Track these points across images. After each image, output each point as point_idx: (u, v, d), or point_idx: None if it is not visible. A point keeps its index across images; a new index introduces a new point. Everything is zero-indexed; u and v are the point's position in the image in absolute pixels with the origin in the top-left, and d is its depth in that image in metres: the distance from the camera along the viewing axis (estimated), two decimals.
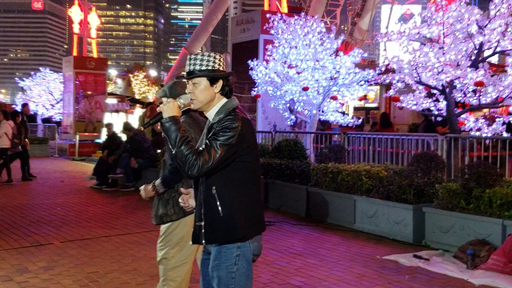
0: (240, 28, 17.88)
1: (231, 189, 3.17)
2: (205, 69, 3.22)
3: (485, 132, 9.78)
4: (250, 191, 3.25)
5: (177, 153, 3.05)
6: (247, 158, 3.21)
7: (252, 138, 3.29)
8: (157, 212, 4.68)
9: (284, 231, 8.89)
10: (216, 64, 3.25)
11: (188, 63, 3.25)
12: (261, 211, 3.38)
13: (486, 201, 7.26)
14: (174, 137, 3.07)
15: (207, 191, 3.19)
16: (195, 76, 3.22)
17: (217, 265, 3.23)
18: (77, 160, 22.02)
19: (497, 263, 6.46)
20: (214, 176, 3.16)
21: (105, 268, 6.64)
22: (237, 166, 3.17)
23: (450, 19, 9.75)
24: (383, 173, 9.15)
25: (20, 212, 10.29)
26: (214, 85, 3.24)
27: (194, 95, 3.24)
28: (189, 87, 3.26)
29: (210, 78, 3.22)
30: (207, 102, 3.26)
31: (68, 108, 27.05)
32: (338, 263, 6.99)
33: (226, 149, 3.07)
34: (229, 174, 3.17)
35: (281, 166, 11.06)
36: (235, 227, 3.16)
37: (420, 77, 10.03)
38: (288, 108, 14.28)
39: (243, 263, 3.23)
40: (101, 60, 29.65)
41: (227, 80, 3.28)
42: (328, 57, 13.21)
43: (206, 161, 3.02)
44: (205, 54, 3.26)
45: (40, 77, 32.36)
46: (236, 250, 3.21)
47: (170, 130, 3.10)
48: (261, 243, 3.38)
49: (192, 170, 3.02)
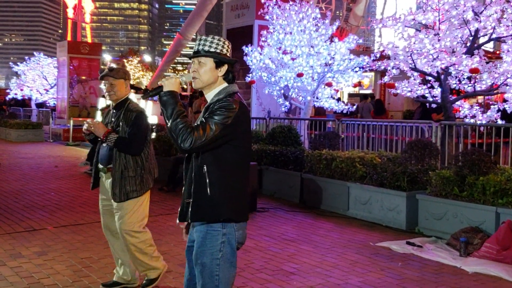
0: (235, 13, 17.79)
1: (221, 170, 3.21)
2: (214, 51, 3.30)
3: (480, 119, 9.78)
4: (238, 177, 3.28)
5: (171, 126, 3.09)
6: (240, 143, 3.25)
7: (247, 124, 3.34)
8: (122, 189, 4.85)
9: (277, 218, 8.89)
10: (224, 49, 3.33)
11: (198, 43, 3.33)
12: (247, 199, 3.40)
13: (480, 188, 7.27)
14: (171, 111, 3.12)
15: (198, 170, 3.24)
16: (203, 55, 3.29)
17: (202, 251, 3.24)
18: (71, 145, 21.95)
19: (490, 251, 6.48)
20: (206, 155, 3.20)
21: (99, 254, 6.63)
22: (229, 148, 3.21)
23: (446, 5, 9.71)
24: (377, 160, 9.15)
25: (13, 197, 10.26)
26: (219, 68, 3.31)
27: (198, 74, 3.31)
28: (194, 66, 3.33)
29: (217, 61, 3.29)
30: (209, 83, 3.32)
31: (62, 93, 26.93)
32: (331, 249, 7.00)
33: (221, 128, 3.11)
34: (221, 156, 3.20)
35: (275, 153, 11.04)
36: (221, 207, 3.20)
37: (415, 64, 10.01)
38: (282, 95, 14.25)
39: (228, 249, 3.25)
40: (95, 45, 29.47)
41: (232, 66, 3.35)
42: (323, 43, 13.17)
43: (199, 136, 3.06)
44: (215, 37, 3.34)
45: (34, 62, 32.19)
46: (222, 237, 3.23)
47: (168, 103, 3.15)
48: (246, 231, 3.39)
49: (185, 143, 3.04)
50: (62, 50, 27.36)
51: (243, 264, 6.24)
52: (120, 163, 4.93)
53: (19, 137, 23.69)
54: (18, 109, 31.04)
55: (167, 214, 8.96)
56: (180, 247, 6.91)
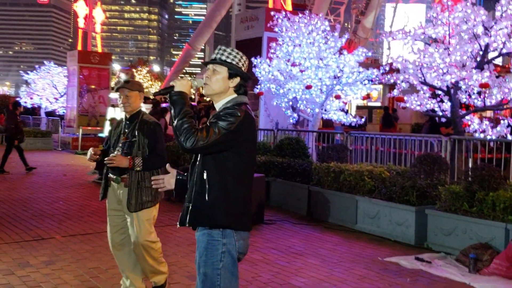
0: (244, 25, 17.85)
1: (222, 177, 3.24)
2: (230, 61, 3.36)
3: (489, 134, 9.73)
4: (240, 186, 3.30)
5: (177, 124, 3.14)
6: (242, 151, 3.28)
7: (252, 133, 3.38)
8: (138, 199, 4.93)
9: (285, 230, 8.87)
10: (240, 63, 3.39)
11: (216, 52, 3.40)
12: (248, 209, 3.40)
13: (490, 204, 7.23)
14: (179, 110, 3.18)
15: (199, 175, 3.28)
16: (218, 63, 3.35)
17: (203, 261, 3.28)
18: (80, 154, 22.01)
19: (499, 268, 6.44)
20: (208, 161, 3.25)
21: (106, 264, 6.63)
22: (232, 156, 3.24)
23: (456, 20, 9.70)
24: (386, 173, 9.12)
25: (22, 206, 10.29)
26: (231, 79, 3.37)
27: (209, 81, 3.36)
28: (208, 72, 3.39)
29: (230, 71, 3.35)
30: (220, 92, 3.37)
31: (72, 102, 27.08)
32: (339, 264, 6.97)
33: (224, 133, 3.15)
34: (223, 163, 3.24)
35: (283, 165, 11.04)
36: (219, 213, 3.23)
37: (425, 78, 9.98)
38: (290, 106, 14.24)
39: (228, 260, 3.27)
40: (105, 55, 29.64)
41: (244, 80, 3.40)
42: (332, 56, 13.17)
43: (202, 137, 3.10)
44: (234, 50, 3.41)
45: (44, 70, 32.37)
46: (222, 246, 3.25)
47: (177, 102, 3.21)
48: (248, 242, 3.40)
49: (187, 142, 3.09)
50: (72, 59, 27.54)
51: (250, 277, 6.22)
52: (136, 173, 4.99)
53: (28, 145, 23.70)
54: (27, 117, 31.20)
55: (174, 224, 8.95)
56: (187, 258, 6.89)
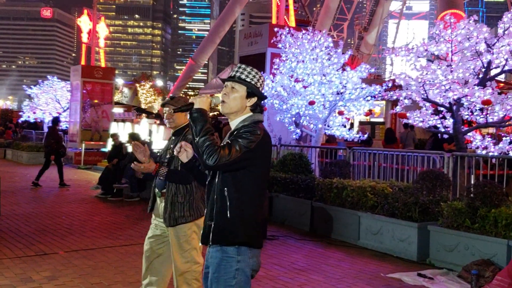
0: (248, 41, 17.93)
1: (240, 195, 3.26)
2: (249, 81, 3.37)
3: (492, 151, 9.75)
4: (255, 204, 3.33)
5: (199, 142, 3.14)
6: (258, 170, 3.31)
7: (268, 153, 3.42)
8: (171, 214, 4.88)
9: (288, 246, 8.87)
10: (259, 83, 3.41)
11: (236, 70, 3.41)
12: (260, 227, 3.43)
13: (492, 221, 7.24)
14: (200, 127, 3.18)
15: (220, 192, 3.29)
16: (237, 81, 3.36)
17: (216, 278, 3.28)
18: (83, 169, 22.07)
19: (501, 284, 6.42)
20: (228, 178, 3.26)
21: (109, 280, 6.63)
22: (247, 174, 3.26)
23: (459, 37, 9.76)
24: (388, 189, 9.14)
25: (25, 220, 10.30)
26: (248, 99, 3.38)
27: (227, 98, 3.38)
28: (226, 90, 3.40)
29: (249, 91, 3.37)
30: (236, 110, 3.39)
31: (75, 116, 27.13)
32: (342, 280, 6.97)
33: (244, 151, 3.17)
34: (241, 181, 3.26)
35: (286, 180, 11.06)
36: (239, 231, 3.24)
37: (427, 94, 10.03)
38: (293, 122, 14.28)
39: (242, 277, 3.27)
40: (108, 70, 29.74)
41: (261, 100, 3.42)
42: (335, 72, 13.22)
43: (225, 154, 3.11)
44: (253, 69, 3.42)
45: (47, 85, 32.45)
46: (236, 264, 3.26)
47: (198, 120, 3.21)
48: (260, 259, 3.42)
49: (211, 159, 3.09)
50: (75, 74, 27.63)
51: None
52: (171, 189, 5.01)
53: (31, 160, 23.85)
54: (30, 131, 31.28)
55: None
56: None
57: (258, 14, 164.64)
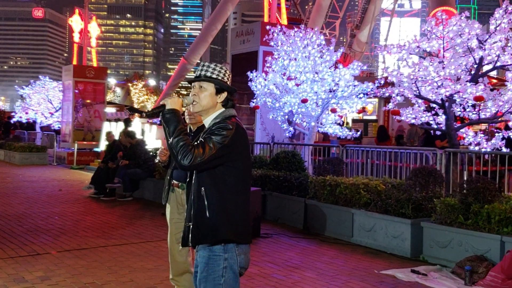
0: (240, 39, 17.91)
1: (220, 192, 3.24)
2: (215, 77, 3.38)
3: (484, 147, 9.77)
4: (238, 199, 3.30)
5: (172, 143, 3.14)
6: (238, 164, 3.29)
7: (244, 146, 3.38)
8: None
9: (281, 244, 8.86)
10: (226, 77, 3.42)
11: (200, 69, 3.42)
12: (247, 222, 3.41)
13: (485, 216, 7.25)
14: (173, 128, 3.17)
15: (197, 192, 3.28)
16: (204, 80, 3.37)
17: (204, 277, 3.28)
18: (75, 169, 21.99)
19: (495, 280, 6.44)
20: (204, 177, 3.25)
21: (102, 279, 6.60)
22: (227, 170, 3.25)
23: (450, 33, 9.77)
24: (381, 186, 9.14)
25: (17, 221, 10.25)
26: (218, 95, 3.39)
27: (198, 98, 3.38)
28: (195, 90, 3.40)
29: (217, 87, 3.37)
30: (208, 108, 3.39)
31: (67, 116, 27.04)
32: (336, 277, 6.96)
33: (219, 148, 3.16)
34: (219, 178, 3.24)
35: (279, 178, 11.04)
36: (221, 229, 3.22)
37: (420, 91, 10.03)
38: (286, 120, 14.27)
39: (230, 275, 3.27)
40: (100, 69, 29.65)
41: (231, 94, 3.43)
42: (328, 70, 13.21)
43: (200, 153, 3.11)
44: (218, 65, 3.44)
45: (39, 85, 32.34)
46: (223, 262, 3.25)
47: (170, 120, 3.21)
48: (249, 256, 3.40)
49: (185, 160, 3.09)
50: (67, 74, 27.53)
51: None
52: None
53: (23, 160, 23.74)
54: (22, 132, 31.15)
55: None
56: None
57: (250, 13, 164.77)
